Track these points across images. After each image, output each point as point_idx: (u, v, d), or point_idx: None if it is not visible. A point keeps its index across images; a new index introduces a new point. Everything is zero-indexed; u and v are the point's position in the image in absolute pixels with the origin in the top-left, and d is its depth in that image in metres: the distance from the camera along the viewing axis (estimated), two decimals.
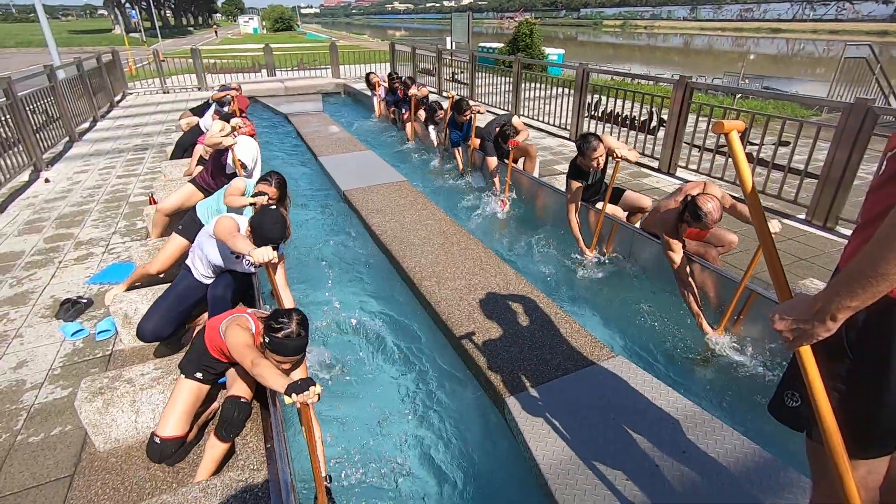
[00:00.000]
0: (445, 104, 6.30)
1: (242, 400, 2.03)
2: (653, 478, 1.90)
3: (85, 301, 3.16)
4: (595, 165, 3.68)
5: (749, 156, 5.26)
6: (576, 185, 3.79)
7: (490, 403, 2.47)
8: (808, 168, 4.44)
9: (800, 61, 30.08)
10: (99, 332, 2.87)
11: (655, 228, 3.24)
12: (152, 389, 2.17)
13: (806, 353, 1.09)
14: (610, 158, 3.64)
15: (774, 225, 2.54)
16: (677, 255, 2.96)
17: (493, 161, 5.07)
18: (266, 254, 2.22)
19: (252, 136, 4.45)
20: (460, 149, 5.78)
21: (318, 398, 1.62)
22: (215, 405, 2.27)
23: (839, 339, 1.13)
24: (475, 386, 2.60)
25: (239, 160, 3.63)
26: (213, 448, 1.96)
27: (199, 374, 2.12)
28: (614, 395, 2.31)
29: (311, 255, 4.20)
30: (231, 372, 2.20)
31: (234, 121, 3.86)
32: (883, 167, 1.15)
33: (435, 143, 6.56)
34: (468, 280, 3.31)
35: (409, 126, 7.30)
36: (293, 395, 1.59)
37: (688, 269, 2.97)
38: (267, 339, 1.90)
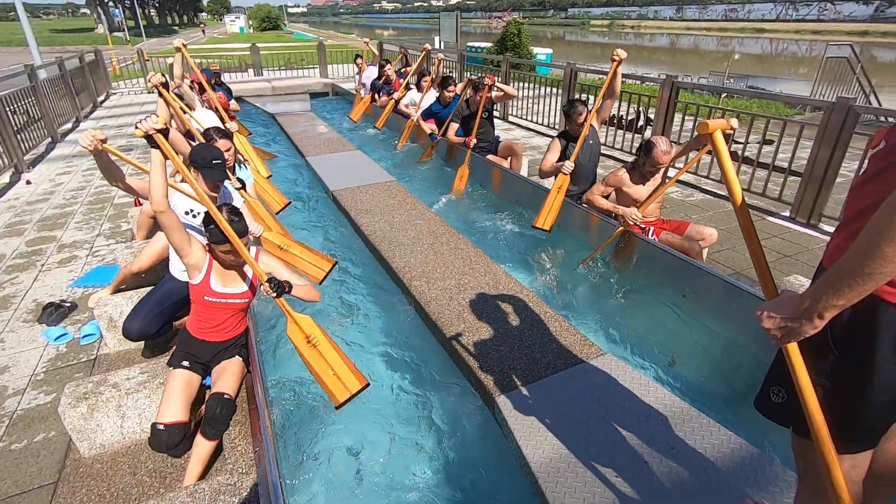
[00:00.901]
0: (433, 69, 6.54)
1: (226, 396, 2.04)
2: (642, 474, 1.91)
3: (68, 305, 3.10)
4: (579, 128, 3.91)
5: (734, 154, 5.32)
6: (556, 150, 4.05)
7: (480, 402, 2.47)
8: (792, 166, 4.51)
9: (783, 61, 30.52)
10: (83, 337, 2.82)
11: (604, 187, 3.58)
12: (138, 394, 2.14)
13: (793, 349, 1.11)
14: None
15: (734, 122, 2.66)
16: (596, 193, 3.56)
17: (454, 125, 5.38)
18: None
19: (226, 107, 4.50)
20: (432, 121, 5.96)
21: (165, 126, 1.92)
22: (201, 408, 2.25)
23: (824, 336, 1.15)
24: (465, 385, 2.60)
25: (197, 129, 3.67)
26: (200, 447, 1.95)
27: (185, 363, 2.14)
28: (604, 393, 2.33)
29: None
30: (216, 370, 2.20)
31: (157, 77, 3.66)
32: (866, 165, 1.17)
33: (402, 108, 6.83)
34: (458, 280, 3.31)
35: (383, 98, 7.55)
36: (138, 125, 1.88)
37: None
38: (208, 236, 2.09)
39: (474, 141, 5.05)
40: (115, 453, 2.10)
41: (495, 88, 4.95)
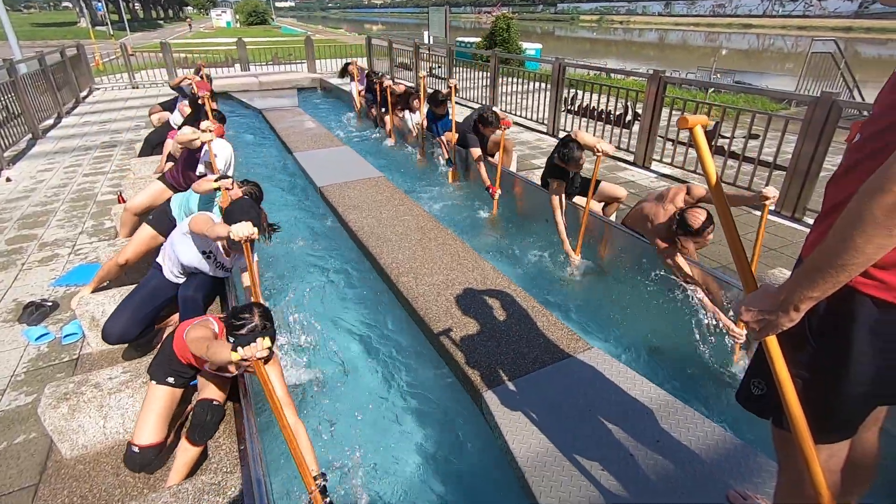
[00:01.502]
0: (419, 89, 6.32)
1: (215, 402, 2.00)
2: (627, 467, 1.93)
3: (50, 304, 3.05)
4: (576, 168, 3.72)
5: (721, 149, 5.36)
6: (556, 183, 3.78)
7: (467, 397, 2.47)
8: (777, 160, 4.55)
9: (770, 56, 30.79)
10: (65, 336, 2.78)
11: (647, 236, 3.23)
12: (121, 393, 2.11)
13: (772, 342, 1.12)
14: (591, 155, 3.64)
15: (771, 190, 2.63)
16: (677, 260, 2.96)
17: (475, 151, 5.03)
18: (245, 228, 2.12)
19: (221, 135, 4.36)
20: (445, 137, 5.74)
21: (270, 352, 1.61)
22: (189, 407, 2.22)
23: (801, 328, 1.16)
24: (453, 380, 2.60)
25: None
26: (185, 452, 1.92)
27: (170, 379, 2.06)
28: (590, 387, 2.34)
29: (286, 252, 4.14)
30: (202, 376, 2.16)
31: (205, 123, 3.73)
32: (842, 158, 1.18)
33: (413, 132, 6.52)
34: (446, 275, 3.31)
35: (388, 119, 7.21)
36: (240, 349, 1.56)
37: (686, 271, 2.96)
38: (231, 340, 1.84)
39: (499, 192, 4.67)
40: (98, 454, 2.08)
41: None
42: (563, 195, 3.83)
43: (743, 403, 1.39)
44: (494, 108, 5.03)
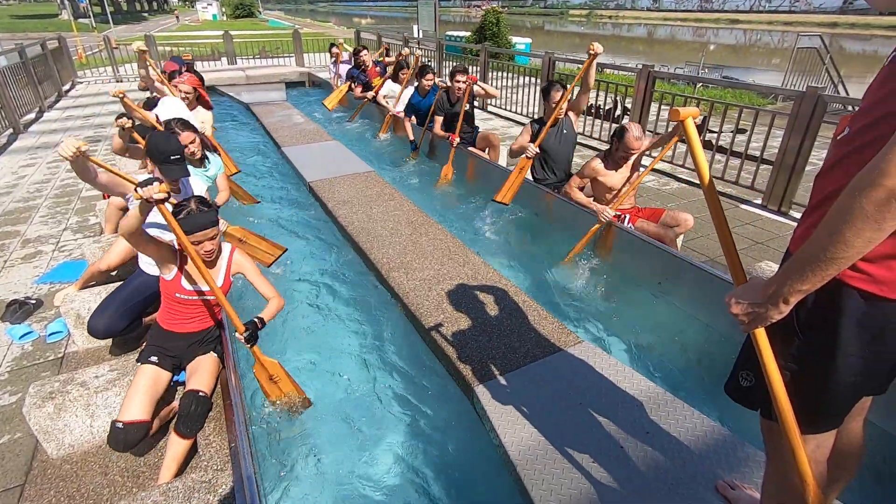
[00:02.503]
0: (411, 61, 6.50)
1: (201, 394, 1.99)
2: (618, 459, 1.94)
3: (34, 302, 3.00)
4: (556, 104, 3.98)
5: (708, 143, 5.41)
6: (526, 134, 4.11)
7: (459, 392, 2.47)
8: (764, 155, 4.60)
9: (757, 51, 31.07)
10: (49, 335, 2.73)
11: (580, 178, 3.64)
12: (108, 392, 2.08)
13: (760, 335, 1.13)
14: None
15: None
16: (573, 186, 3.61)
17: (439, 119, 5.33)
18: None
19: (198, 86, 4.39)
20: (413, 119, 5.83)
21: (168, 195, 1.85)
22: (174, 404, 2.20)
23: (790, 320, 1.17)
24: (444, 375, 2.60)
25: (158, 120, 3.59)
26: (174, 445, 1.90)
27: (154, 358, 2.08)
28: (581, 380, 2.35)
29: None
30: (190, 367, 2.15)
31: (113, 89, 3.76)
32: (829, 152, 1.19)
33: (382, 101, 6.80)
34: (436, 270, 3.30)
35: (355, 93, 7.48)
36: (139, 188, 1.78)
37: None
38: (168, 186, 1.97)
39: (458, 140, 5.02)
40: (85, 453, 2.05)
41: (477, 85, 4.97)
42: (529, 139, 4.11)
43: (731, 395, 1.41)
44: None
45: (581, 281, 3.48)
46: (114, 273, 2.91)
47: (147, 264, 2.57)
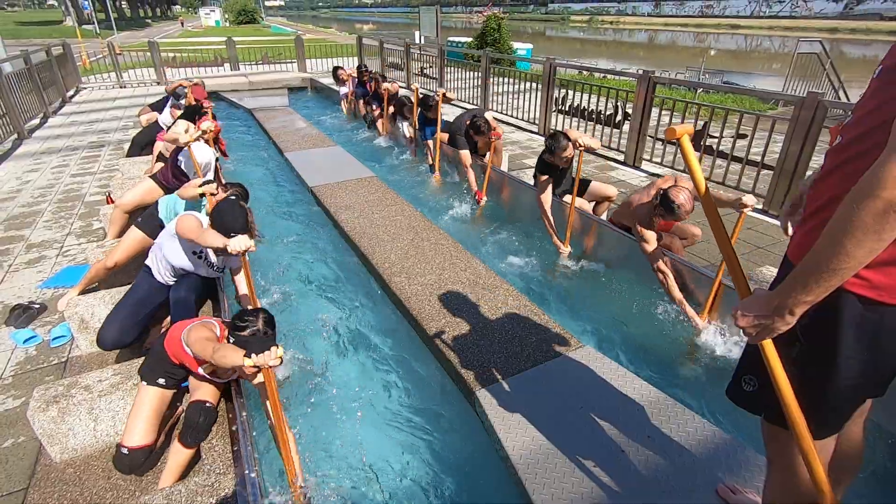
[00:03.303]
0: (412, 98, 6.27)
1: (208, 404, 1.98)
2: (619, 463, 1.95)
3: (37, 306, 3.02)
4: (564, 162, 3.75)
5: (709, 148, 5.42)
6: (543, 178, 3.84)
7: (461, 396, 2.48)
8: (765, 160, 4.61)
9: (757, 57, 31.12)
10: (53, 339, 2.75)
11: (627, 221, 3.29)
12: (112, 395, 2.09)
13: (768, 345, 1.13)
14: (574, 150, 3.69)
15: (750, 199, 2.73)
16: (651, 246, 3.02)
17: (465, 154, 5.04)
18: (243, 242, 2.18)
19: (217, 133, 4.34)
20: (431, 142, 5.76)
21: (281, 361, 1.65)
22: (180, 409, 2.21)
23: (793, 326, 1.18)
24: (446, 379, 2.61)
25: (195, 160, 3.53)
26: (178, 454, 1.91)
27: (161, 380, 2.05)
28: (582, 385, 2.36)
29: (278, 253, 4.12)
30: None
31: (206, 124, 3.72)
32: (824, 161, 1.20)
33: (407, 136, 6.52)
34: (438, 275, 3.31)
35: (380, 122, 7.24)
36: (254, 356, 1.60)
37: (662, 259, 3.02)
38: (232, 340, 1.87)
39: (485, 199, 4.81)
40: (88, 457, 2.06)
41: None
42: (551, 190, 3.88)
43: (734, 399, 1.41)
44: (486, 114, 5.02)
45: (582, 286, 3.49)
46: (117, 272, 2.93)
47: (163, 278, 2.58)
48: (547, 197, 3.86)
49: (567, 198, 4.03)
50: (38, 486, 1.93)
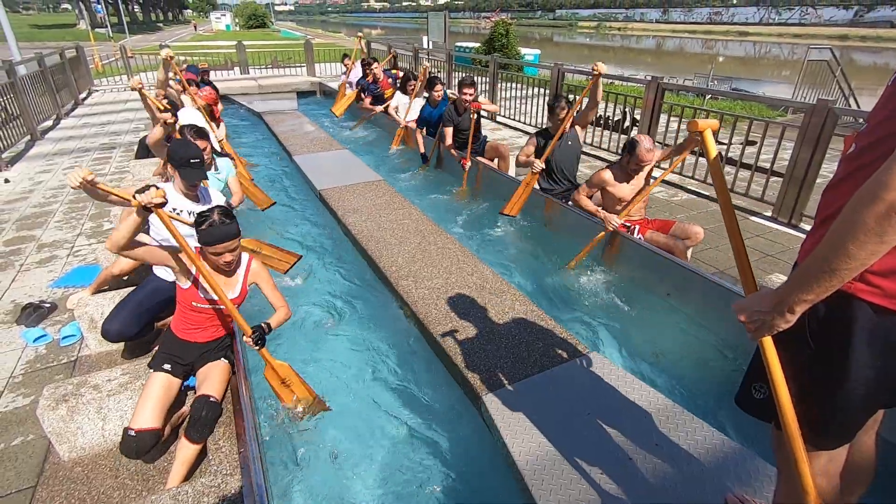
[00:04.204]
0: (419, 76, 6.52)
1: (212, 399, 2.01)
2: (626, 470, 1.93)
3: (48, 305, 3.05)
4: (561, 120, 3.99)
5: (718, 155, 5.40)
6: (531, 146, 4.19)
7: (467, 401, 2.47)
8: (774, 167, 4.58)
9: (766, 63, 31.02)
10: (63, 338, 2.77)
11: (590, 183, 3.63)
12: (120, 395, 2.11)
13: (768, 345, 1.14)
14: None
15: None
16: (589, 188, 3.60)
17: (449, 131, 5.28)
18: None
19: (213, 102, 4.51)
20: (423, 130, 5.87)
21: (164, 200, 1.89)
22: (185, 409, 2.22)
23: (802, 331, 1.18)
24: (452, 383, 2.60)
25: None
26: (184, 450, 1.92)
27: (167, 366, 2.10)
28: (589, 391, 2.35)
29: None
30: (201, 372, 2.17)
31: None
32: (837, 168, 1.20)
33: (393, 113, 6.84)
34: (445, 279, 3.31)
35: (364, 103, 7.62)
36: (137, 195, 1.83)
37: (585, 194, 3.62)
38: (199, 237, 2.03)
39: (469, 164, 4.99)
40: (96, 456, 2.07)
41: (483, 110, 5.07)
42: (534, 153, 4.20)
43: (743, 406, 1.40)
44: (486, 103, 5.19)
45: (590, 291, 3.48)
46: (126, 278, 2.96)
47: (162, 270, 2.61)
48: (528, 150, 4.23)
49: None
50: (46, 484, 1.94)
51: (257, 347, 2.18)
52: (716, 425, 2.15)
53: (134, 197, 1.85)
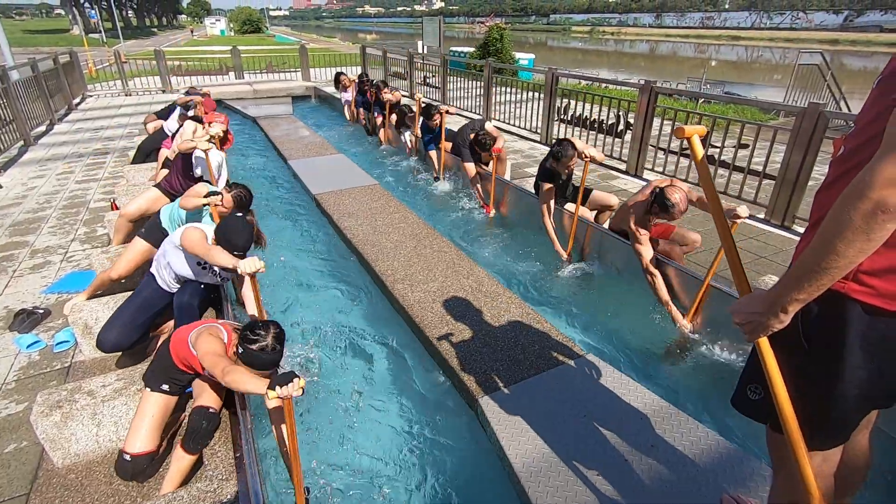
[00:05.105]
0: (414, 107, 6.32)
1: (211, 410, 1.98)
2: (623, 472, 1.94)
3: (42, 311, 3.02)
4: (566, 171, 3.78)
5: (711, 158, 5.44)
6: (547, 186, 3.86)
7: (463, 404, 2.47)
8: (767, 170, 4.62)
9: (758, 68, 31.31)
10: (57, 344, 2.75)
11: (623, 223, 3.32)
12: (115, 401, 2.09)
13: (764, 344, 1.15)
14: (579, 160, 3.72)
15: (743, 210, 2.74)
16: (645, 248, 3.06)
17: (470, 167, 5.06)
18: (254, 264, 2.15)
19: (226, 131, 4.43)
20: (434, 151, 5.81)
21: (302, 391, 1.59)
22: (183, 416, 2.20)
23: (796, 333, 1.19)
24: (448, 386, 2.60)
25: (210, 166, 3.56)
26: (180, 460, 1.90)
27: (165, 387, 2.04)
28: (585, 393, 2.35)
29: (282, 260, 4.13)
30: (198, 381, 2.14)
31: (216, 128, 3.73)
32: (828, 170, 1.22)
33: (409, 146, 6.57)
34: (441, 282, 3.32)
35: (382, 131, 7.30)
36: (278, 388, 1.54)
37: (655, 261, 3.07)
38: (240, 350, 1.87)
39: (493, 212, 4.86)
40: (90, 462, 2.05)
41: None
42: (553, 199, 3.90)
43: (739, 408, 1.41)
44: (488, 125, 5.05)
45: (585, 294, 3.49)
46: (123, 281, 2.94)
47: (167, 284, 2.59)
48: (550, 205, 3.88)
49: (569, 206, 4.05)
50: (39, 492, 1.92)
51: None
52: (711, 426, 2.16)
53: (273, 388, 1.57)
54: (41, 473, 2.00)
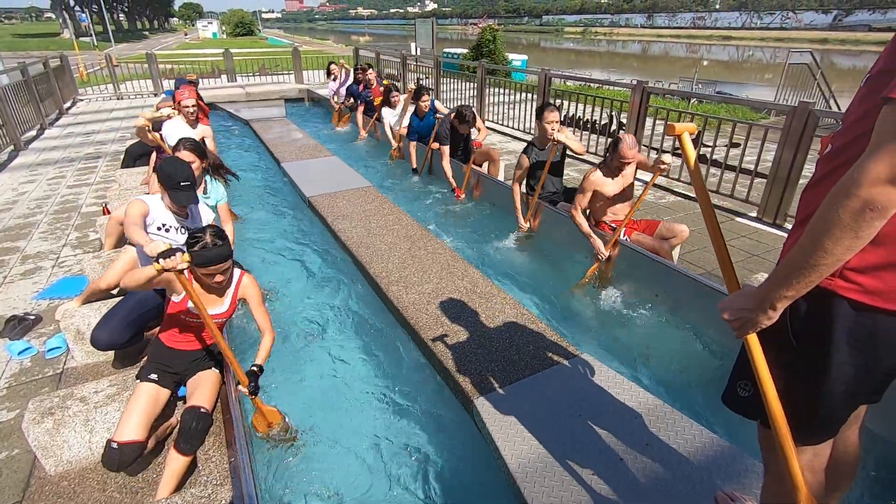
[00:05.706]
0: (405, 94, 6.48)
1: (202, 410, 1.98)
2: (618, 471, 1.94)
3: (33, 318, 3.00)
4: (549, 133, 3.90)
5: (703, 157, 5.48)
6: (524, 160, 4.06)
7: (458, 405, 2.47)
8: (758, 168, 4.66)
9: (749, 67, 31.55)
10: (49, 350, 2.73)
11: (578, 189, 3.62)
12: (107, 407, 2.08)
13: (753, 340, 1.16)
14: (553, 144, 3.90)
15: (667, 157, 3.24)
16: (583, 198, 3.55)
17: (446, 150, 5.21)
18: (158, 248, 1.92)
19: (197, 97, 4.56)
20: (414, 143, 5.87)
21: (188, 265, 1.88)
22: (174, 419, 2.20)
23: (785, 329, 1.20)
24: (443, 387, 2.60)
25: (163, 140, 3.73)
26: (174, 462, 1.89)
27: (153, 375, 2.06)
28: (580, 392, 2.36)
29: (275, 263, 4.12)
30: (191, 382, 2.14)
31: (165, 110, 3.95)
32: (815, 169, 1.23)
33: (388, 131, 6.70)
34: (435, 284, 3.32)
35: (360, 118, 7.58)
36: (161, 260, 1.80)
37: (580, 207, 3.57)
38: (191, 259, 1.96)
39: (462, 196, 5.01)
40: (83, 469, 2.04)
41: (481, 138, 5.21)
42: (524, 176, 4.17)
43: (729, 405, 1.42)
44: (472, 108, 5.19)
45: (578, 293, 3.50)
46: (114, 291, 2.93)
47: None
48: (521, 178, 4.13)
49: (561, 205, 4.08)
50: (31, 500, 1.90)
51: (252, 397, 2.16)
52: (704, 424, 2.17)
53: (157, 260, 1.82)
54: (33, 481, 1.98)
